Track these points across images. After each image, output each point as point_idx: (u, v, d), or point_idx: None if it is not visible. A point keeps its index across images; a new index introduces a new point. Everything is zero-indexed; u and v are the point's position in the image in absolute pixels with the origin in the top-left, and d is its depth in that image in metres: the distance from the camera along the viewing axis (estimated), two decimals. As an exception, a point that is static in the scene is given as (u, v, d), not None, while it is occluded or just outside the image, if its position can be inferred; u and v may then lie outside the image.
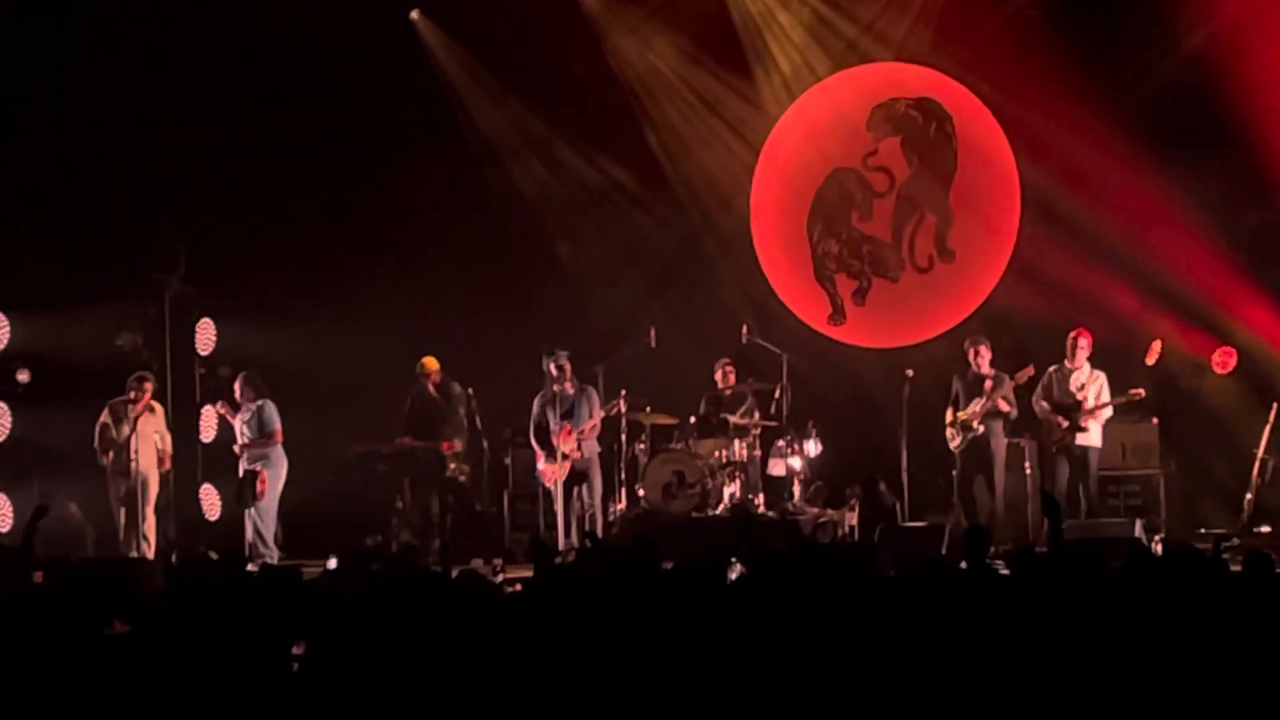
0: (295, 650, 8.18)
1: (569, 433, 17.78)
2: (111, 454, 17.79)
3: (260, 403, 18.05)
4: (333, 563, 13.18)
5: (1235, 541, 15.29)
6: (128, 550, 17.55)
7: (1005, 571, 9.67)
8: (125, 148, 19.63)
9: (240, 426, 18.10)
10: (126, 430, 17.73)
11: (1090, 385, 17.37)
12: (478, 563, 17.60)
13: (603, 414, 18.05)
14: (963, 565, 9.77)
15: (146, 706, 7.57)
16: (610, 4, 20.53)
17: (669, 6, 20.52)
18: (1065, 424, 17.32)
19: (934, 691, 7.34)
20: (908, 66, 20.22)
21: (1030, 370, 17.48)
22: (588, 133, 20.70)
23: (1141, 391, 17.37)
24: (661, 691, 7.43)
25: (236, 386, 18.18)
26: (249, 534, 17.91)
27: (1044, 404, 17.53)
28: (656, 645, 7.66)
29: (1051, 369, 17.58)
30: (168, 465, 18.09)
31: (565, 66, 20.39)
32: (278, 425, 18.06)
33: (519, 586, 11.66)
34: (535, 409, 18.04)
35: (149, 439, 17.85)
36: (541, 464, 18.05)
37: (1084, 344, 17.43)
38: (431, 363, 19.15)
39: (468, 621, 7.98)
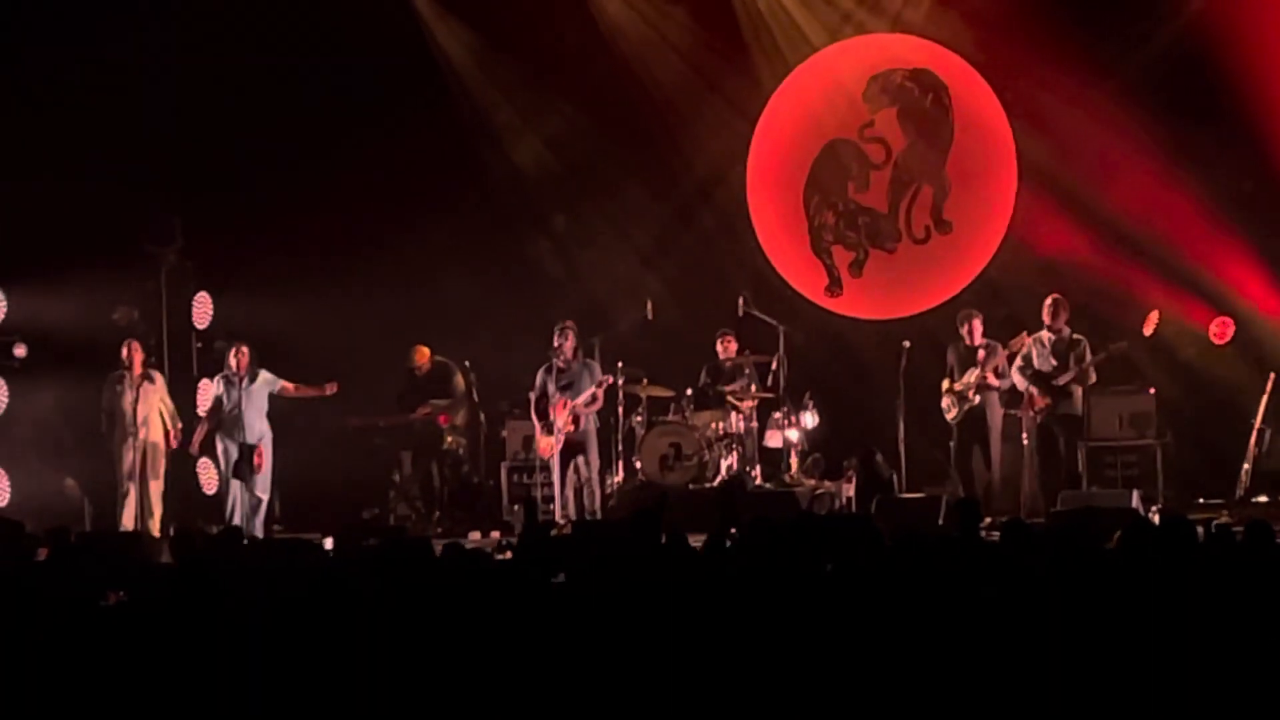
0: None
1: (564, 405, 17.74)
2: (117, 428, 17.81)
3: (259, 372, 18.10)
4: (329, 543, 13.17)
5: (1225, 517, 15.25)
6: (136, 524, 17.57)
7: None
8: (122, 121, 19.57)
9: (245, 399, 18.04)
10: (130, 401, 17.74)
11: (1071, 352, 17.34)
12: (475, 535, 17.71)
13: (608, 382, 17.99)
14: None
15: (148, 682, 7.58)
16: (606, -25, 20.54)
17: (665, -23, 20.55)
18: (1043, 402, 17.28)
19: (930, 663, 7.34)
20: (904, 38, 20.20)
21: (1025, 337, 17.48)
22: (583, 105, 20.65)
23: (1124, 345, 17.35)
24: (655, 666, 7.43)
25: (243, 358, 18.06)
26: (241, 507, 17.87)
27: (1020, 375, 17.48)
28: (650, 618, 7.66)
29: (1031, 337, 17.48)
30: (175, 441, 18.04)
31: (562, 38, 20.38)
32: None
33: (509, 554, 11.69)
34: (538, 380, 18.02)
35: (154, 410, 17.88)
36: (539, 436, 18.05)
37: (1063, 308, 17.37)
38: (421, 354, 19.22)
39: (460, 592, 8.00)
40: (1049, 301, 17.41)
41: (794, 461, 18.49)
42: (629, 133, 20.59)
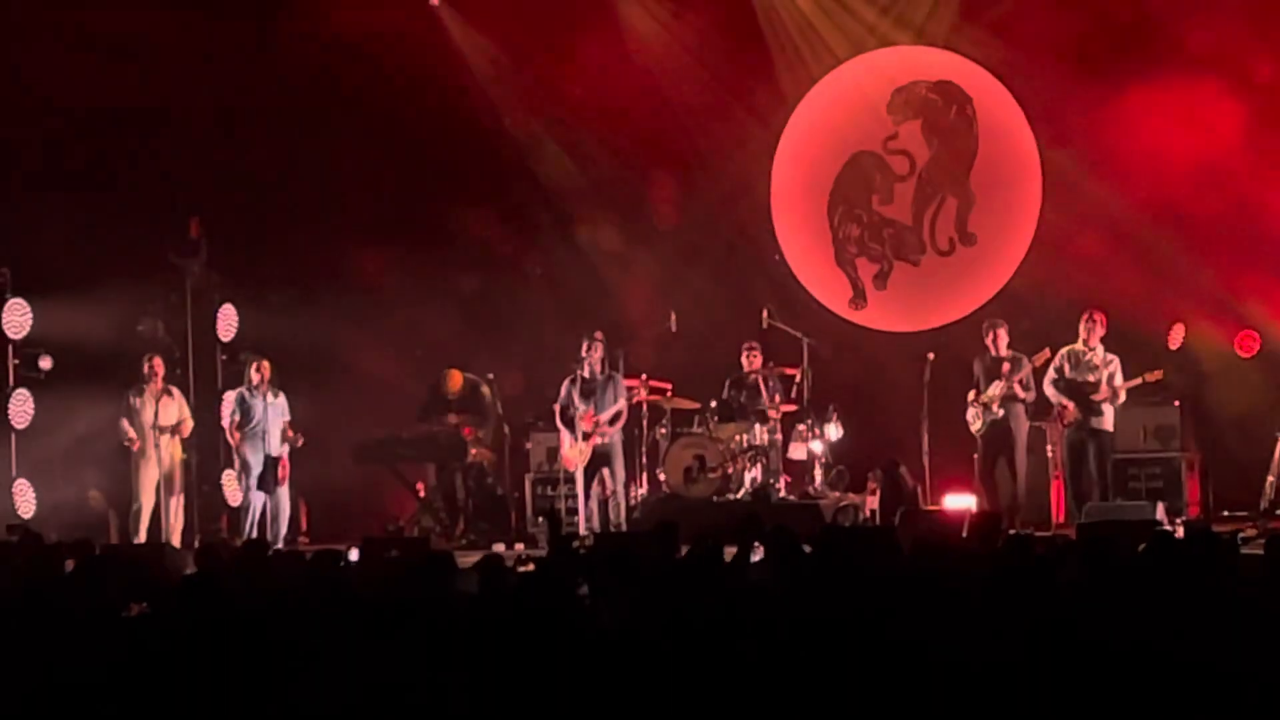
0: None
1: (590, 416, 17.75)
2: (138, 441, 17.85)
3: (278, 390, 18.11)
4: (354, 554, 13.19)
5: (1252, 532, 15.22)
6: (158, 535, 17.61)
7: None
8: (148, 134, 19.64)
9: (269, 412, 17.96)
10: (150, 415, 17.80)
11: (1104, 369, 17.32)
12: (499, 547, 17.72)
13: (636, 397, 18.03)
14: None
15: (169, 692, 7.59)
16: (629, -13, 20.55)
17: (688, -11, 20.56)
18: (1071, 414, 17.28)
19: (952, 675, 7.33)
20: (928, 50, 20.18)
21: (1047, 353, 17.45)
22: (607, 116, 20.64)
23: (1160, 374, 17.34)
24: (678, 677, 7.43)
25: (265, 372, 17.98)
26: (265, 519, 17.82)
27: (1053, 388, 17.48)
28: (676, 631, 7.66)
29: (1064, 350, 17.50)
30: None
31: (584, 49, 20.37)
32: None
33: (531, 566, 11.70)
34: (562, 391, 18.00)
35: (173, 424, 17.93)
36: (564, 447, 18.03)
37: (1099, 325, 17.37)
38: (454, 379, 19.26)
39: (484, 603, 8.01)
40: (1085, 318, 17.37)
41: (818, 474, 18.46)
42: (653, 144, 20.58)
